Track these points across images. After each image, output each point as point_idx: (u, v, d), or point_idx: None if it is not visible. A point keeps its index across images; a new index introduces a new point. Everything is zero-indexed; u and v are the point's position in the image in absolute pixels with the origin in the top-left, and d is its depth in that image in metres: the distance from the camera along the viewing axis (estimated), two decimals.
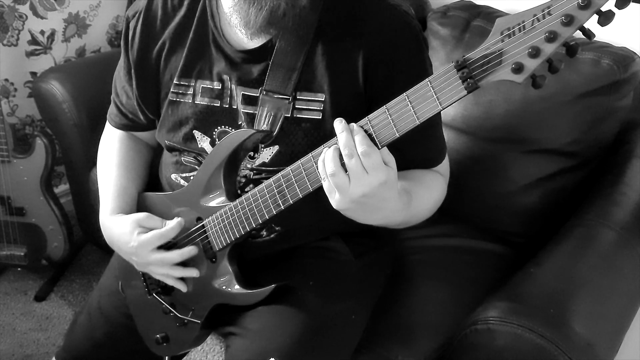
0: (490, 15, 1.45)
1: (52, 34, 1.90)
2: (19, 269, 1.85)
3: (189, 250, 0.99)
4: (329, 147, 0.79)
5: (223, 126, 0.98)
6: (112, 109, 1.17)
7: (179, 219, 0.99)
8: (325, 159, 0.78)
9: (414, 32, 0.94)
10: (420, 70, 0.94)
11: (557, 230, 1.20)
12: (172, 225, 0.98)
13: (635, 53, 1.29)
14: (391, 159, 0.79)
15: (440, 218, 1.03)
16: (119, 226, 1.03)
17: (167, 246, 1.02)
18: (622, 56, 1.26)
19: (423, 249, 1.32)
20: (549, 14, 0.65)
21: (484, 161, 1.38)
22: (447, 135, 1.06)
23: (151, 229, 1.00)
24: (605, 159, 1.34)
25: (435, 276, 1.26)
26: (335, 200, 0.79)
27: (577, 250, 1.12)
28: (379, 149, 0.77)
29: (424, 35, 0.97)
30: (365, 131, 0.77)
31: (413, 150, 0.90)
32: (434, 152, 1.01)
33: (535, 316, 0.94)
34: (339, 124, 0.78)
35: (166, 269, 1.00)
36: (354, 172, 0.76)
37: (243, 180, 0.99)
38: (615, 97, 1.27)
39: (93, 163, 1.60)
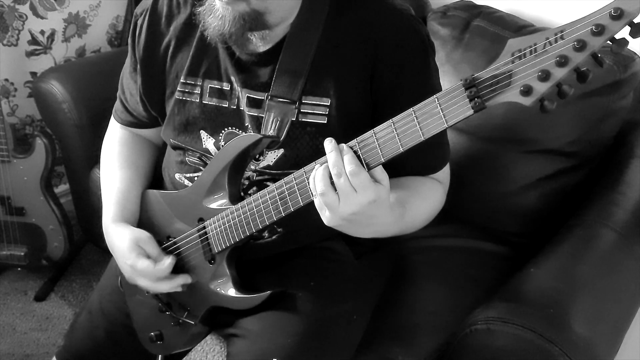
0: (490, 15, 1.45)
1: (52, 34, 1.90)
2: (19, 269, 1.85)
3: (178, 283, 1.00)
4: (320, 165, 0.79)
5: (230, 127, 0.99)
6: (117, 105, 1.17)
7: (172, 259, 0.99)
8: (315, 177, 0.79)
9: (420, 38, 0.94)
10: (425, 76, 0.95)
11: (557, 230, 1.20)
12: (164, 267, 0.98)
13: (635, 53, 1.29)
14: (384, 177, 0.79)
15: (441, 218, 1.03)
16: (120, 238, 1.03)
17: (168, 244, 1.02)
18: (622, 56, 1.26)
19: (423, 249, 1.32)
20: (562, 38, 0.65)
21: (484, 161, 1.38)
22: (447, 135, 1.06)
23: (148, 253, 1.00)
24: (605, 159, 1.34)
25: (435, 276, 1.26)
26: (325, 217, 0.80)
27: (577, 251, 1.12)
28: (367, 170, 0.77)
29: (432, 41, 0.97)
30: (355, 152, 0.78)
31: (416, 157, 0.89)
32: (436, 160, 1.01)
33: (535, 316, 0.94)
34: (328, 144, 0.79)
35: (154, 288, 1.01)
36: (343, 191, 0.77)
37: (246, 182, 0.99)
38: (615, 97, 1.27)
39: (93, 163, 1.61)
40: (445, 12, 1.50)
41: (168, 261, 0.98)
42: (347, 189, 0.76)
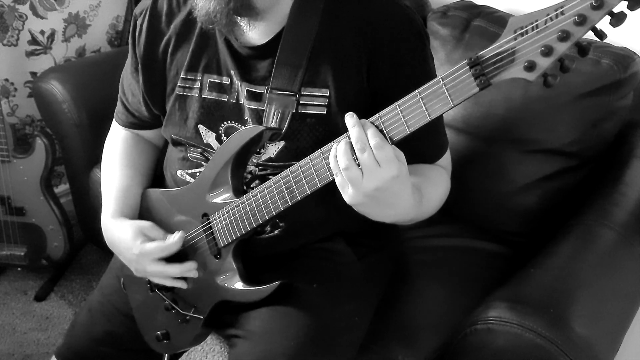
0: (490, 15, 1.45)
1: (52, 34, 1.90)
2: (19, 269, 1.85)
3: (189, 266, 0.99)
4: (340, 142, 0.79)
5: (229, 121, 0.99)
6: (118, 107, 1.18)
7: (181, 233, 0.99)
8: (337, 153, 0.78)
9: (416, 27, 0.95)
10: (423, 64, 0.96)
11: (557, 230, 1.20)
12: (174, 240, 0.98)
13: (635, 53, 1.29)
14: (401, 154, 0.79)
15: (441, 218, 1.03)
16: (122, 231, 1.03)
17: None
18: (622, 56, 1.26)
19: (423, 249, 1.33)
20: (562, 13, 0.66)
21: (484, 161, 1.38)
22: (448, 135, 1.07)
23: (153, 239, 1.00)
24: (605, 159, 1.34)
25: (436, 276, 1.26)
26: (348, 194, 0.79)
27: (577, 250, 1.12)
28: (390, 144, 0.77)
29: (426, 30, 0.98)
30: (376, 127, 0.77)
31: (416, 144, 0.90)
32: (436, 147, 1.02)
33: (535, 316, 0.94)
34: (350, 119, 0.78)
35: (164, 278, 1.01)
36: (367, 165, 0.76)
37: (248, 176, 1.00)
38: (615, 97, 1.27)
39: (93, 163, 1.62)
40: (445, 12, 1.50)
41: (178, 234, 0.98)
42: (371, 163, 0.76)
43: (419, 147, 0.93)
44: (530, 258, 1.12)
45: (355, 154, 0.77)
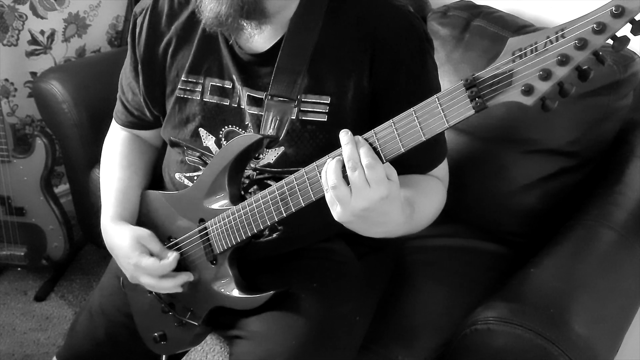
0: (490, 15, 1.45)
1: (52, 34, 1.90)
2: (19, 269, 1.85)
3: (182, 279, 0.99)
4: (332, 159, 0.78)
5: (230, 126, 0.99)
6: (118, 107, 1.18)
7: (176, 253, 0.99)
8: (327, 170, 0.77)
9: (417, 33, 0.94)
10: (422, 73, 0.95)
11: (557, 230, 1.20)
12: (169, 262, 0.98)
13: (635, 53, 1.29)
14: (393, 172, 0.78)
15: (441, 218, 1.03)
16: (120, 237, 1.03)
17: (169, 246, 1.02)
18: (622, 56, 1.26)
19: (423, 249, 1.32)
20: (563, 36, 0.64)
21: (484, 161, 1.38)
22: (447, 135, 1.06)
23: (151, 250, 1.00)
24: (605, 159, 1.34)
25: (435, 276, 1.26)
26: (336, 212, 0.78)
27: (577, 251, 1.12)
28: (383, 162, 0.76)
29: (429, 37, 0.97)
30: (371, 144, 0.76)
31: (411, 155, 0.89)
32: (432, 158, 1.01)
33: (535, 316, 0.94)
34: (344, 136, 0.77)
35: (157, 286, 1.01)
36: (356, 185, 0.75)
37: (247, 181, 0.99)
38: (615, 97, 1.27)
39: (93, 163, 1.62)
40: (445, 12, 1.50)
41: (173, 256, 0.98)
42: (360, 183, 0.75)
43: (413, 158, 0.91)
44: (530, 258, 1.12)
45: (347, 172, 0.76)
